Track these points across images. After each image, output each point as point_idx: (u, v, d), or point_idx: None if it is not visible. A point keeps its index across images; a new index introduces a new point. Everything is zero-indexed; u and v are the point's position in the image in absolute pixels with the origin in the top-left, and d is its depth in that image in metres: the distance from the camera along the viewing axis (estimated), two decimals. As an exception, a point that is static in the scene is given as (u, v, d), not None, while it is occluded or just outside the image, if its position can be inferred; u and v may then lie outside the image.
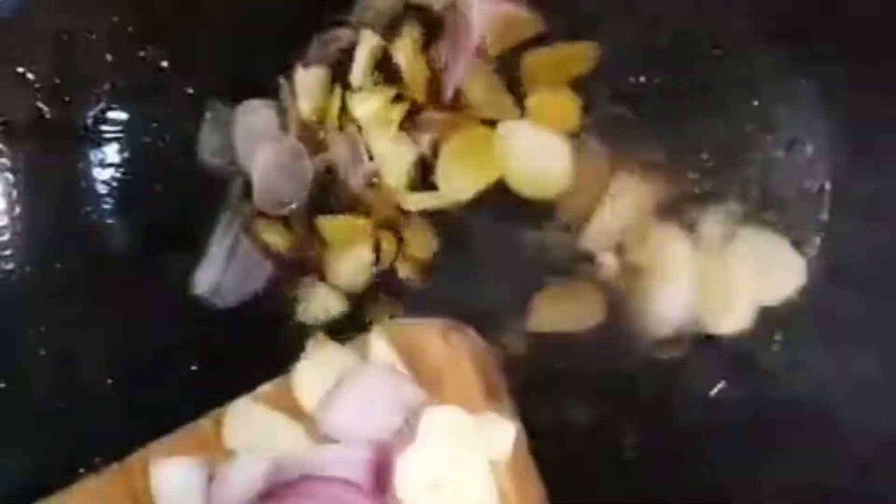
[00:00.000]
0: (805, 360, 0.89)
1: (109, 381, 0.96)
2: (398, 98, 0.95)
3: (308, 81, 0.96)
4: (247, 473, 0.72)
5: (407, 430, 0.70)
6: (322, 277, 0.97)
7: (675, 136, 0.91)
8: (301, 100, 0.96)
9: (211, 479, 0.75)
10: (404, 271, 0.96)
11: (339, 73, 0.97)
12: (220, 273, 0.98)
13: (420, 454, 0.68)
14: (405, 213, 0.96)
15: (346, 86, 0.96)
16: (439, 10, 0.95)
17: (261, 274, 0.98)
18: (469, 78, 0.93)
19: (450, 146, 0.94)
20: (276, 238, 0.98)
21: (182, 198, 1.00)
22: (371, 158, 0.96)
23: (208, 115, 1.00)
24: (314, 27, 0.98)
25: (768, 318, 0.90)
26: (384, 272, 0.96)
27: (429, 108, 0.95)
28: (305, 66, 0.97)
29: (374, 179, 0.96)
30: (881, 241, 0.87)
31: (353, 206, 0.97)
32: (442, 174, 0.94)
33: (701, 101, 0.91)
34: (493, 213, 0.94)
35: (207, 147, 1.00)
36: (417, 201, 0.95)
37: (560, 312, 0.92)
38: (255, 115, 0.98)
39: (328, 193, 0.97)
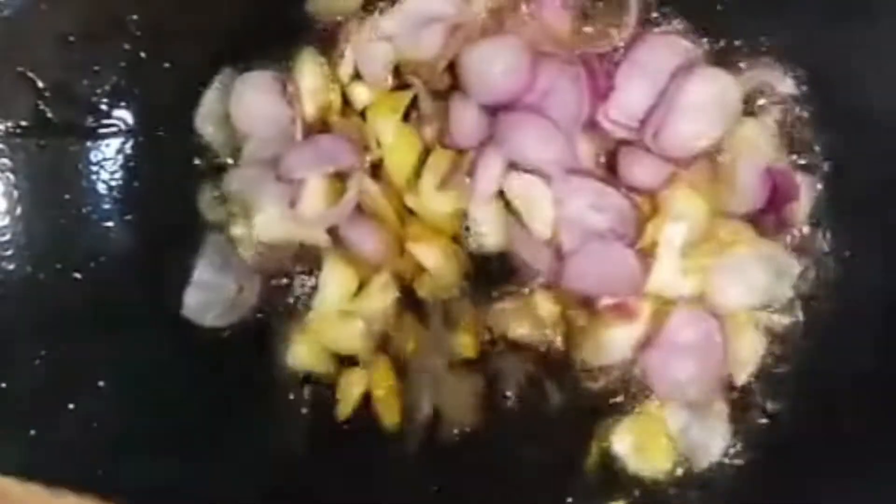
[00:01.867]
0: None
1: (109, 381, 0.95)
2: (403, 87, 0.96)
3: (309, 71, 0.96)
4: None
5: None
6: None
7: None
8: (304, 88, 0.96)
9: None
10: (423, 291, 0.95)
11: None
12: (207, 294, 0.97)
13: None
14: (411, 212, 0.95)
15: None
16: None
17: (251, 293, 0.98)
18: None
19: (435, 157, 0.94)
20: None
21: (182, 198, 1.00)
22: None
23: (216, 82, 0.99)
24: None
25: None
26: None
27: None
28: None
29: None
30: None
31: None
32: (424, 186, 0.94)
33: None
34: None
35: (207, 116, 0.99)
36: (415, 203, 0.95)
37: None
38: (256, 86, 0.97)
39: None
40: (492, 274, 0.95)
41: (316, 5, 0.98)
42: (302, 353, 0.96)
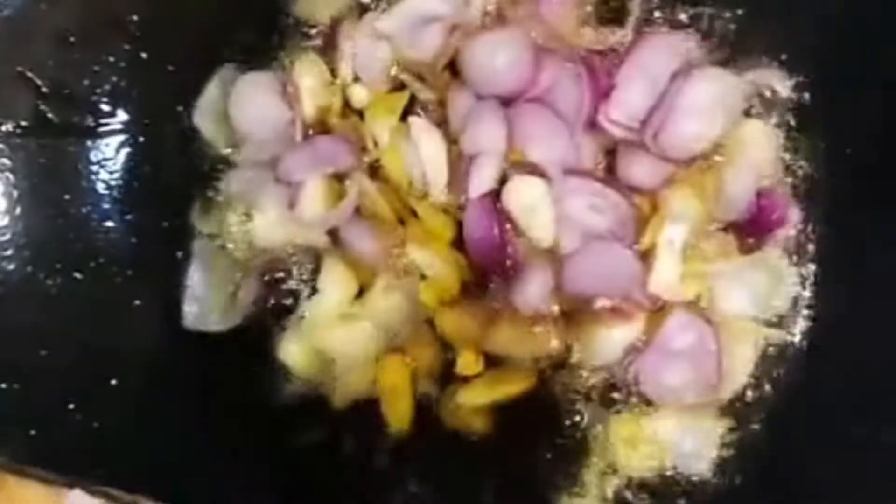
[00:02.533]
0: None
1: (110, 381, 0.95)
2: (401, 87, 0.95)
3: (309, 71, 0.96)
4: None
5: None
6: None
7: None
8: (303, 89, 0.96)
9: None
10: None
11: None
12: (203, 300, 0.97)
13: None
14: (413, 212, 0.94)
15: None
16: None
17: (248, 295, 0.97)
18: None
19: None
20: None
21: (182, 198, 1.00)
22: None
23: (215, 82, 0.99)
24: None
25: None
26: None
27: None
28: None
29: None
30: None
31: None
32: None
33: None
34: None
35: (206, 116, 0.99)
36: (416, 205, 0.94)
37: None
38: (256, 86, 0.97)
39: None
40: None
41: (303, 9, 0.98)
42: (300, 356, 0.95)
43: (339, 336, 0.94)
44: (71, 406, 0.93)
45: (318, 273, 0.96)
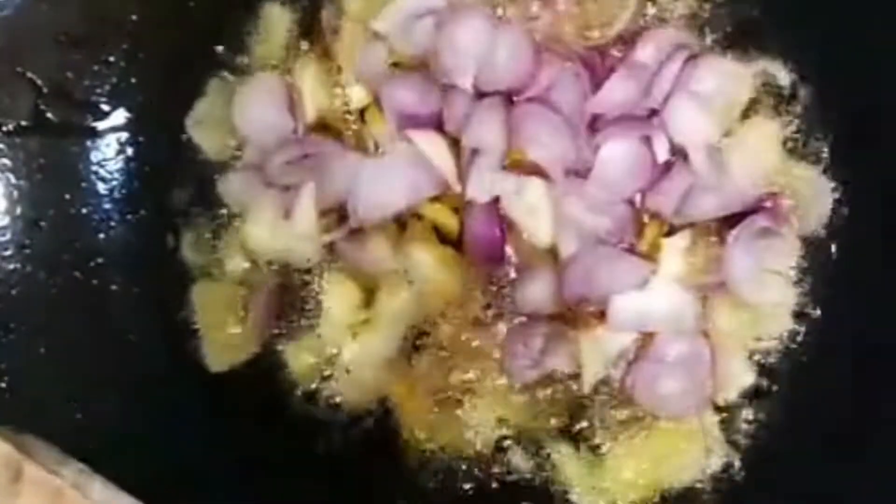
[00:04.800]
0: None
1: (109, 382, 0.95)
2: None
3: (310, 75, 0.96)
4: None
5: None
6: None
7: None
8: (305, 92, 0.95)
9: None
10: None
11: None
12: (218, 343, 0.97)
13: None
14: (413, 214, 0.94)
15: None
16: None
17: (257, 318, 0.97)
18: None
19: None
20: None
21: (182, 198, 1.00)
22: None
23: (212, 84, 0.99)
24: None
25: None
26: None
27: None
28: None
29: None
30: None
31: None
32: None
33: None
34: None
35: (203, 119, 0.99)
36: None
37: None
38: (257, 90, 0.96)
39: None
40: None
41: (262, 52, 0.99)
42: (312, 365, 0.95)
43: (348, 345, 0.94)
44: (71, 406, 0.93)
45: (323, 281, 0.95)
